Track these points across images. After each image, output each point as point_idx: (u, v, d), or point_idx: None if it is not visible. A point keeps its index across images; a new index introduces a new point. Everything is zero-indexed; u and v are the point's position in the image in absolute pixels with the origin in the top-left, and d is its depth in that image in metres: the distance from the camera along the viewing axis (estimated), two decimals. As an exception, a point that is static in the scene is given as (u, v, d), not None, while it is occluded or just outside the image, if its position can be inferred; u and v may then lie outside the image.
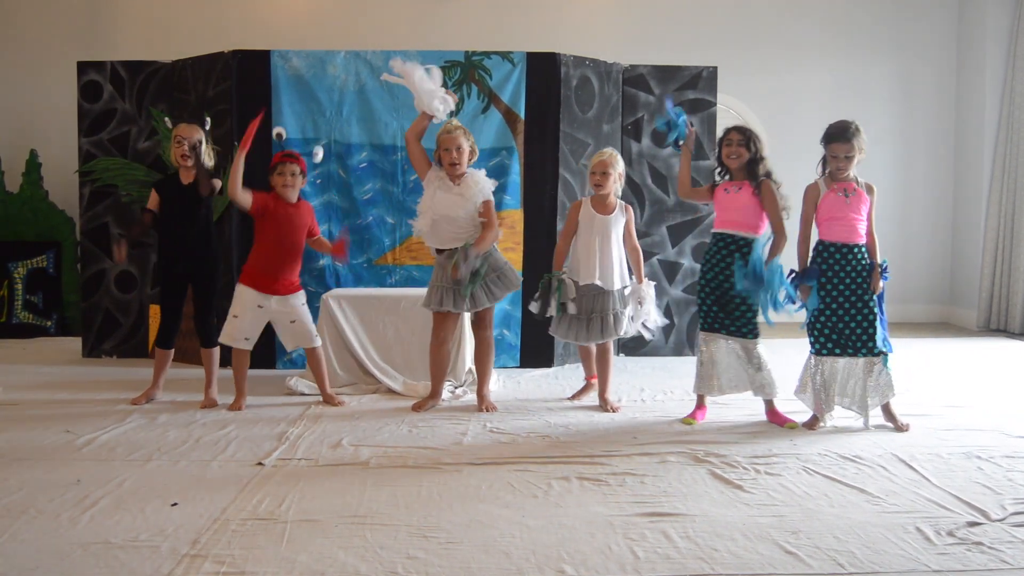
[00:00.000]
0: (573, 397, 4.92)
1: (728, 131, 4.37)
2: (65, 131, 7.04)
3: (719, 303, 4.33)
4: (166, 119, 4.88)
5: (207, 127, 4.75)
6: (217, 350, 4.72)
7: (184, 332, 5.10)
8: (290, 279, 4.60)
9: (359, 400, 4.83)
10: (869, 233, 4.23)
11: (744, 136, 4.30)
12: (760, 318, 4.27)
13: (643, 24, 8.09)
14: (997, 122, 7.79)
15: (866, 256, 4.20)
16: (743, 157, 4.28)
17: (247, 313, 4.53)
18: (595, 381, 4.87)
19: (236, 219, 5.67)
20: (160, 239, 4.74)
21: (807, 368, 4.31)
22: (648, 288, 4.71)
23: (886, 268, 4.22)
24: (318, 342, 4.72)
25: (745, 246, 4.27)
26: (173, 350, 4.79)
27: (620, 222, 4.65)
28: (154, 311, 5.89)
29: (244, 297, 4.55)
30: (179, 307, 4.71)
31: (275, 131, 4.97)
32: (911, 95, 8.33)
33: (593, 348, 4.80)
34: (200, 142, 4.58)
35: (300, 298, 4.66)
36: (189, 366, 5.61)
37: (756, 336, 4.33)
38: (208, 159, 4.64)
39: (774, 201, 4.27)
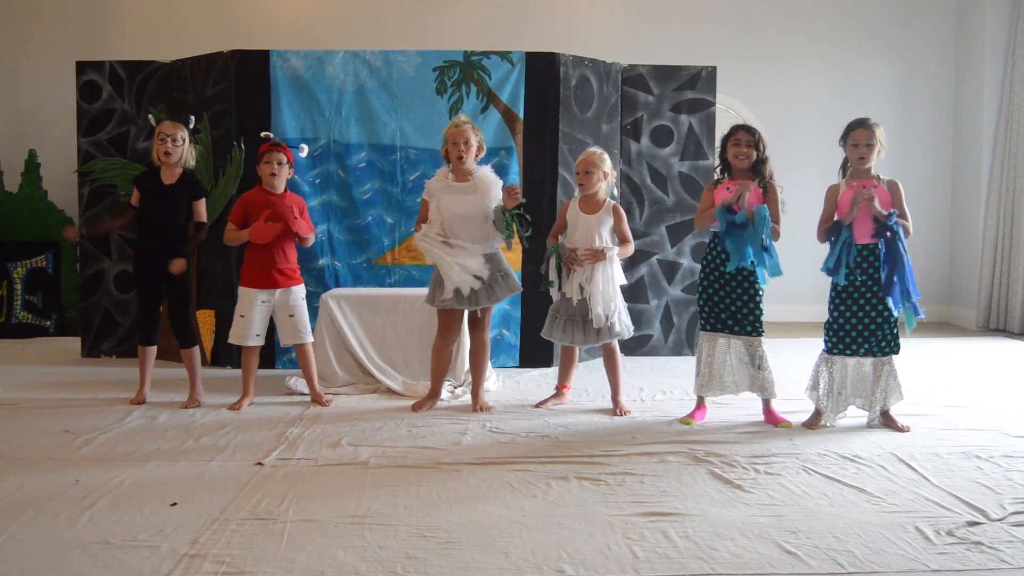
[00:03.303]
0: (539, 405, 4.69)
1: (735, 130, 4.29)
2: (64, 131, 7.03)
3: (720, 303, 4.32)
4: (151, 116, 4.87)
5: (191, 125, 4.74)
6: (196, 350, 4.71)
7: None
8: (286, 269, 4.59)
9: (358, 400, 4.83)
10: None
11: (753, 137, 4.25)
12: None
13: (642, 24, 8.09)
14: (996, 122, 7.79)
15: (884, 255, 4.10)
16: (751, 158, 4.24)
17: (251, 310, 4.55)
18: (567, 391, 4.80)
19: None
20: (137, 236, 4.70)
21: (818, 366, 4.30)
22: (612, 258, 4.41)
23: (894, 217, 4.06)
24: (308, 339, 4.68)
25: None
26: (156, 347, 4.76)
27: (606, 222, 4.49)
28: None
29: (246, 297, 4.57)
30: (156, 304, 4.68)
31: (262, 134, 4.96)
32: (910, 96, 8.32)
33: (577, 354, 4.78)
34: (184, 139, 4.58)
35: (301, 292, 4.67)
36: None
37: (760, 334, 4.31)
38: (190, 159, 4.65)
39: (777, 202, 4.27)
